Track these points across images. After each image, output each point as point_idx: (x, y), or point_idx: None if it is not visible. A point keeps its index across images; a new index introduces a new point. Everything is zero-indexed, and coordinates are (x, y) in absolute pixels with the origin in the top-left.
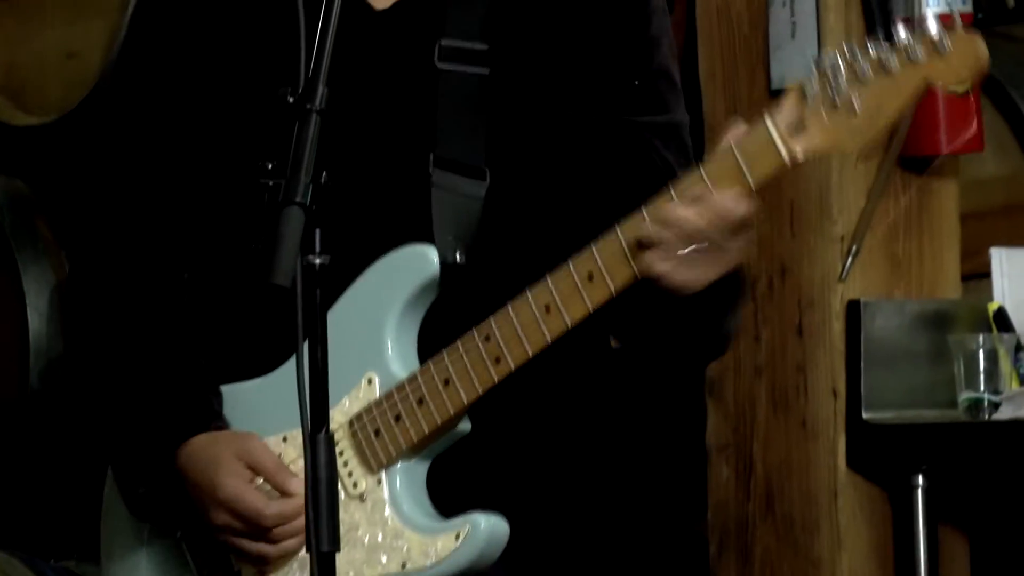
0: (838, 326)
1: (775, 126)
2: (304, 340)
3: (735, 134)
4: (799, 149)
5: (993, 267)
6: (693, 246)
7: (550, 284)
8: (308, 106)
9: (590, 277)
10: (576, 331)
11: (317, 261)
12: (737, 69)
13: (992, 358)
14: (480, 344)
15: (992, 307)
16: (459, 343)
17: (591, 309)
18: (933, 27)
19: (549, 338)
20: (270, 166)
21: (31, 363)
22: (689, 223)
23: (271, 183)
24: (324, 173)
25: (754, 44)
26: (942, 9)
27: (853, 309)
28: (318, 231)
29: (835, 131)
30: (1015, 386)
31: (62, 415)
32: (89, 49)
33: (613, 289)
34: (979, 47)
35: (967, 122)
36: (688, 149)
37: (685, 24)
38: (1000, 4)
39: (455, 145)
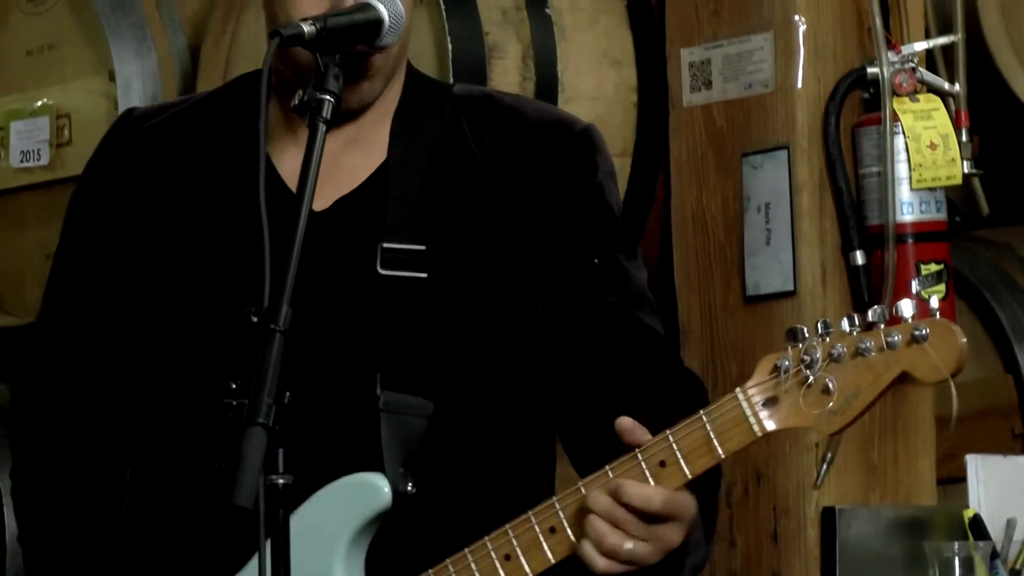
0: (813, 533)
1: (747, 400)
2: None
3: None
4: (770, 424)
5: (969, 474)
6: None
7: (511, 534)
8: (272, 326)
9: (552, 530)
10: None
11: (280, 481)
12: (712, 274)
13: (968, 566)
14: None
15: (968, 514)
16: None
17: (553, 561)
18: (909, 311)
19: None
20: (233, 386)
21: (7, 564)
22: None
23: (235, 403)
24: (288, 393)
25: (729, 250)
26: (916, 217)
27: (828, 516)
28: (281, 451)
29: (807, 410)
30: None
31: None
32: None
33: (576, 541)
34: (957, 338)
35: None
36: (654, 306)
37: (661, 228)
38: (975, 209)
39: (401, 362)
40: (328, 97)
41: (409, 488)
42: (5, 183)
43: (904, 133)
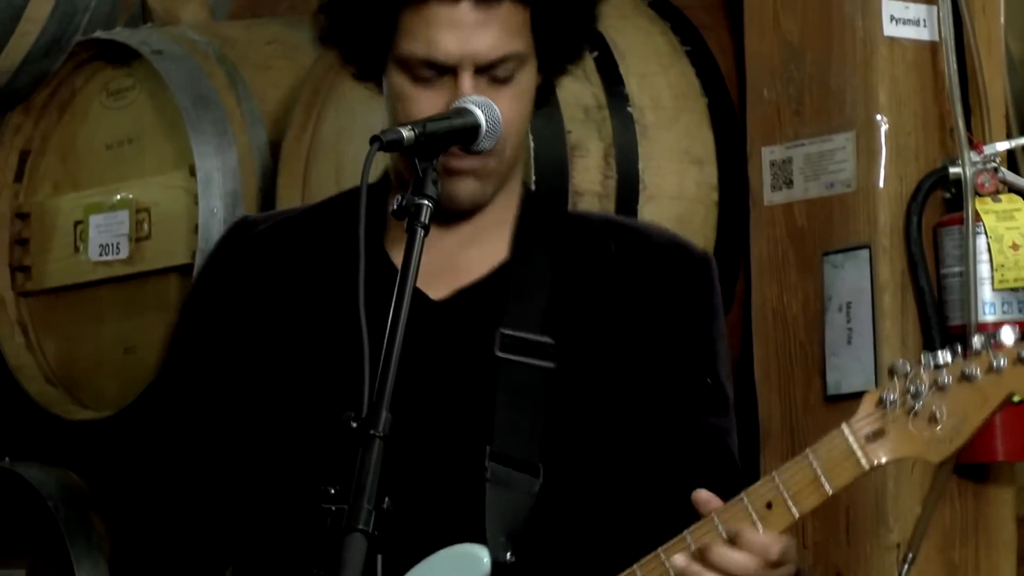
0: None
1: (853, 434)
2: None
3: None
4: (879, 456)
5: None
6: None
7: None
8: (371, 432)
9: None
10: None
11: None
12: (793, 373)
13: None
14: None
15: None
16: None
17: None
18: (1011, 339)
19: None
20: (333, 491)
21: None
22: (732, 565)
23: (334, 508)
24: (387, 499)
25: (810, 349)
26: (998, 317)
27: None
28: (380, 557)
29: (917, 439)
30: None
31: None
32: (146, 344)
33: None
34: None
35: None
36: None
37: (741, 326)
38: None
39: (511, 438)
40: (426, 202)
41: (508, 557)
42: (84, 276)
43: (986, 233)
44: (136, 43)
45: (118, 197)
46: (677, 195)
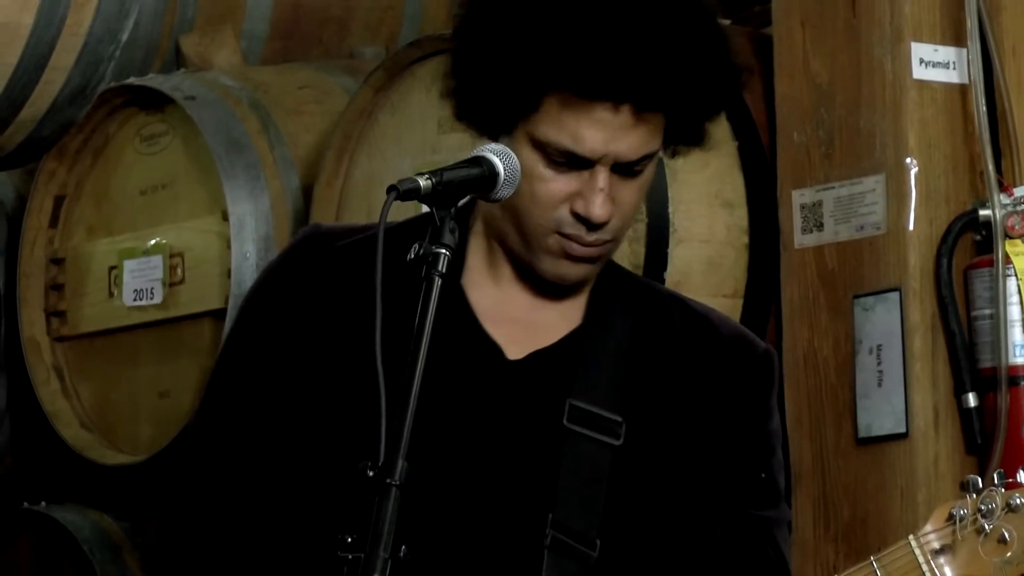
0: None
1: (920, 548)
2: None
3: None
4: (947, 572)
5: None
6: None
7: None
8: (388, 480)
9: None
10: None
11: None
12: (824, 416)
13: None
14: None
15: None
16: None
17: None
18: None
19: None
20: (350, 539)
21: None
22: None
23: (351, 556)
24: (403, 547)
25: (840, 392)
26: None
27: None
28: None
29: (984, 561)
30: None
31: None
32: (180, 389)
33: None
34: None
35: None
36: (790, 522)
37: None
38: None
39: (572, 509)
40: (444, 251)
41: None
42: (119, 321)
43: (1016, 275)
44: (169, 89)
45: (152, 242)
46: (707, 238)
